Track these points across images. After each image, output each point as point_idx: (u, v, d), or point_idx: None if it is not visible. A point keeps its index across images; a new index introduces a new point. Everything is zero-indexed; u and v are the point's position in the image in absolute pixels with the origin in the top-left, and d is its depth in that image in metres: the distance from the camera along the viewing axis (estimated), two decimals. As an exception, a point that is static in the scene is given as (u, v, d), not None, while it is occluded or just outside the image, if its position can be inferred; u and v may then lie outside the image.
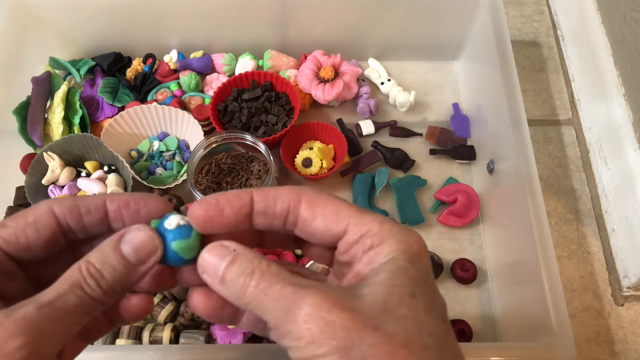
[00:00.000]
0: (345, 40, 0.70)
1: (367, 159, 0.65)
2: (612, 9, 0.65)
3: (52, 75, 0.67)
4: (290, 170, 0.63)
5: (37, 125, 0.63)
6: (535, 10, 0.80)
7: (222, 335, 0.54)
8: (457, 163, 0.66)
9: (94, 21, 0.68)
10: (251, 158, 0.61)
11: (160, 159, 0.64)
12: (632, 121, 0.60)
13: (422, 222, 0.61)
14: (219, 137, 0.58)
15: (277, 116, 0.64)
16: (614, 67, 0.64)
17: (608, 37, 0.66)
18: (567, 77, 0.74)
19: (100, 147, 0.61)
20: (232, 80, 0.66)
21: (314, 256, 0.30)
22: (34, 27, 0.67)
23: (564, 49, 0.76)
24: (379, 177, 0.63)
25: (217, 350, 0.48)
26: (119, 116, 0.64)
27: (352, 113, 0.70)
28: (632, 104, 0.61)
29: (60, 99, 0.63)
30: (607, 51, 0.66)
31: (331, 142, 0.65)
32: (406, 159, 0.65)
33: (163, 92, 0.69)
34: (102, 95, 0.68)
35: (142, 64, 0.71)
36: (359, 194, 0.62)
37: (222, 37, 0.71)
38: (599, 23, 0.68)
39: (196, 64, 0.71)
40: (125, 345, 0.52)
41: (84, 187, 0.59)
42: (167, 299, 0.55)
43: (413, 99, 0.68)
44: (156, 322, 0.55)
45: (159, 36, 0.70)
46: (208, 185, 0.58)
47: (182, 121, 0.65)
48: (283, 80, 0.65)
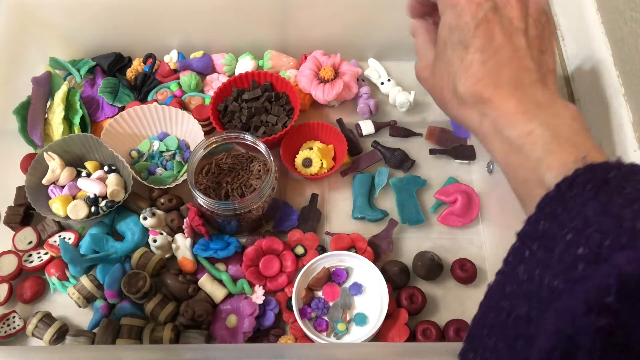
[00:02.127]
0: (345, 40, 0.70)
1: (367, 159, 0.65)
2: (612, 9, 0.65)
3: (52, 75, 0.67)
4: (290, 170, 0.63)
5: (38, 125, 0.63)
6: (535, 10, 0.80)
7: (222, 335, 0.54)
8: (457, 163, 0.66)
9: (94, 21, 0.68)
10: (251, 158, 0.61)
11: (161, 159, 0.64)
12: (632, 121, 0.61)
13: (422, 222, 0.61)
14: (219, 137, 0.58)
15: (277, 116, 0.64)
16: (614, 67, 0.64)
17: (608, 37, 0.66)
18: (567, 77, 0.74)
19: (100, 147, 0.61)
20: (232, 80, 0.66)
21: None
22: (34, 27, 0.67)
23: (564, 49, 0.76)
24: (379, 177, 0.63)
25: (217, 350, 0.48)
26: (119, 116, 0.64)
27: (352, 113, 0.70)
28: (632, 104, 0.61)
29: (61, 99, 0.63)
30: (607, 51, 0.66)
31: (331, 142, 0.65)
32: (406, 159, 0.65)
33: (163, 92, 0.69)
34: (102, 95, 0.68)
35: (142, 64, 0.71)
36: (359, 194, 0.62)
37: (222, 37, 0.71)
38: (599, 23, 0.68)
39: (196, 64, 0.71)
40: (125, 345, 0.52)
41: (84, 187, 0.59)
42: (167, 298, 0.56)
43: (413, 99, 0.68)
44: (156, 322, 0.55)
45: (159, 36, 0.70)
46: (208, 185, 0.58)
47: (182, 121, 0.65)
48: (283, 80, 0.65)
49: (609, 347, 0.24)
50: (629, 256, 0.25)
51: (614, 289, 0.24)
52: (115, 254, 0.58)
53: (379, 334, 0.54)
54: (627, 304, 0.24)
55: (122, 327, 0.53)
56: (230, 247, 0.58)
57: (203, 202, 0.54)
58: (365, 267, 0.56)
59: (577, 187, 0.29)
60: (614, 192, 0.28)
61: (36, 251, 0.59)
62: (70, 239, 0.59)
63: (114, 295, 0.55)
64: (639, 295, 0.24)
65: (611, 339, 0.24)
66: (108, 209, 0.58)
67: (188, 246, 0.58)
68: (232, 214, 0.55)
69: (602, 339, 0.24)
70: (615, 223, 0.27)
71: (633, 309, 0.24)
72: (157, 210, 0.60)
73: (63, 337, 0.54)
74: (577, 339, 0.25)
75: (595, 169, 0.29)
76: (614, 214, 0.27)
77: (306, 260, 0.58)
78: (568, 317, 0.25)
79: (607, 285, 0.24)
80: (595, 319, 0.24)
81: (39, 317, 0.54)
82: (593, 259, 0.27)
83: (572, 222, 0.28)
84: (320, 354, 0.49)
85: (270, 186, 0.56)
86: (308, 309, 0.55)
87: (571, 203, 0.29)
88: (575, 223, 0.28)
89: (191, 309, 0.54)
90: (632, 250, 0.26)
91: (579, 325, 0.25)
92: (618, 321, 0.24)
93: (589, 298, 0.25)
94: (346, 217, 0.63)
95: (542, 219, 0.30)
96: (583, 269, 0.27)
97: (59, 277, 0.58)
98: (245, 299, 0.56)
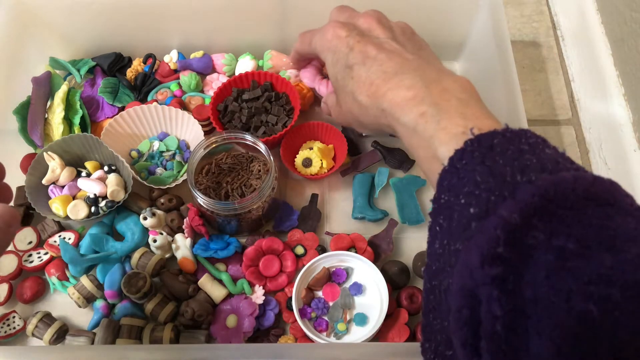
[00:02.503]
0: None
1: (367, 159, 0.65)
2: (612, 9, 0.65)
3: (52, 75, 0.67)
4: (290, 170, 0.63)
5: (38, 125, 0.63)
6: (535, 11, 0.81)
7: (222, 335, 0.54)
8: (457, 163, 0.66)
9: (94, 21, 0.68)
10: (251, 158, 0.61)
11: (161, 159, 0.64)
12: (632, 121, 0.61)
13: (422, 222, 0.61)
14: (219, 137, 0.58)
15: (277, 116, 0.64)
16: (614, 67, 0.64)
17: (608, 37, 0.66)
18: (567, 77, 0.74)
19: (100, 147, 0.61)
20: (232, 80, 0.66)
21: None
22: (34, 27, 0.67)
23: (564, 49, 0.76)
24: (379, 177, 0.63)
25: (217, 350, 0.48)
26: (119, 116, 0.64)
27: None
28: (632, 104, 0.61)
29: (61, 99, 0.63)
30: (607, 51, 0.66)
31: (331, 142, 0.65)
32: (406, 159, 0.65)
33: (163, 92, 0.69)
34: (102, 95, 0.68)
35: (142, 64, 0.71)
36: (359, 194, 0.62)
37: (222, 37, 0.71)
38: (599, 23, 0.68)
39: (196, 64, 0.71)
40: (125, 345, 0.52)
41: (84, 187, 0.59)
42: (167, 298, 0.56)
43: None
44: (156, 322, 0.55)
45: (159, 36, 0.70)
46: (208, 185, 0.58)
47: (182, 121, 0.65)
48: (283, 80, 0.65)
49: (504, 294, 0.25)
50: (511, 206, 0.27)
51: (502, 239, 0.26)
52: (115, 254, 0.58)
53: (379, 334, 0.54)
54: (514, 251, 0.26)
55: (122, 327, 0.53)
56: (230, 247, 0.58)
57: (203, 202, 0.54)
58: (365, 267, 0.56)
59: (466, 157, 0.31)
60: (498, 155, 0.30)
61: (36, 251, 0.59)
62: (70, 239, 0.59)
63: (114, 295, 0.55)
64: (522, 242, 0.26)
65: (505, 286, 0.25)
66: (108, 209, 0.58)
67: (188, 246, 0.58)
68: (232, 214, 0.55)
69: (497, 287, 0.25)
70: (499, 180, 0.29)
71: (520, 255, 0.26)
72: (157, 210, 0.60)
73: (63, 337, 0.54)
74: (478, 292, 0.26)
75: (482, 138, 0.31)
76: (498, 173, 0.29)
77: (306, 260, 0.58)
78: (467, 273, 0.27)
79: (495, 236, 0.26)
80: (489, 269, 0.25)
81: (39, 317, 0.54)
82: (483, 215, 0.28)
83: (464, 187, 0.30)
84: (320, 354, 0.49)
85: (270, 186, 0.56)
86: (308, 309, 0.55)
87: (463, 172, 0.31)
88: (467, 188, 0.30)
89: (191, 309, 0.54)
90: (513, 200, 0.27)
91: (476, 277, 0.26)
92: (509, 269, 0.26)
93: (482, 251, 0.26)
94: (346, 217, 0.63)
95: (442, 192, 0.32)
96: (475, 227, 0.29)
97: (59, 277, 0.58)
98: (245, 299, 0.56)
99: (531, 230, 0.26)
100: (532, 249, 0.26)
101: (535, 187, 0.27)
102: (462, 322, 0.27)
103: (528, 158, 0.30)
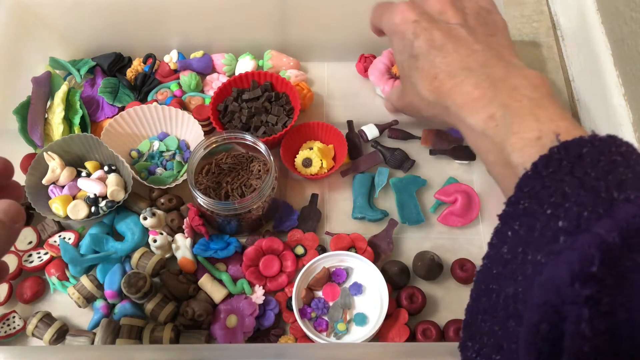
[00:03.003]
0: (346, 40, 0.70)
1: (367, 159, 0.65)
2: (612, 9, 0.65)
3: (52, 75, 0.67)
4: (290, 170, 0.63)
5: (38, 125, 0.63)
6: (535, 10, 0.80)
7: (222, 335, 0.54)
8: (457, 163, 0.66)
9: (94, 21, 0.68)
10: (251, 158, 0.61)
11: (161, 159, 0.64)
12: (632, 121, 0.61)
13: (422, 222, 0.61)
14: (219, 137, 0.58)
15: (277, 116, 0.64)
16: (614, 67, 0.64)
17: (608, 37, 0.66)
18: (567, 77, 0.74)
19: (100, 147, 0.61)
20: (232, 80, 0.66)
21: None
22: (34, 27, 0.67)
23: (564, 49, 0.76)
24: (379, 177, 0.63)
25: (217, 350, 0.48)
26: (119, 116, 0.64)
27: (355, 114, 0.69)
28: (632, 104, 0.61)
29: (61, 99, 0.63)
30: (607, 51, 0.66)
31: (331, 142, 0.65)
32: (406, 159, 0.65)
33: (163, 92, 0.69)
34: (102, 95, 0.68)
35: (142, 64, 0.71)
36: (359, 194, 0.62)
37: (222, 37, 0.71)
38: (599, 23, 0.68)
39: (196, 64, 0.71)
40: (125, 346, 0.52)
41: (84, 187, 0.59)
42: (167, 298, 0.56)
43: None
44: (156, 322, 0.55)
45: (159, 36, 0.70)
46: (208, 185, 0.58)
47: (182, 121, 0.65)
48: (283, 80, 0.65)
49: (597, 315, 0.24)
50: (609, 225, 0.26)
51: (597, 258, 0.25)
52: (115, 254, 0.58)
53: (379, 334, 0.54)
54: (610, 272, 0.25)
55: (122, 327, 0.53)
56: (230, 247, 0.58)
57: (203, 202, 0.54)
58: (365, 267, 0.56)
59: (553, 164, 0.30)
60: (589, 166, 0.29)
61: (36, 251, 0.59)
62: (70, 239, 0.59)
63: (114, 295, 0.55)
64: (620, 263, 0.25)
65: (599, 307, 0.24)
66: (108, 209, 0.58)
67: (188, 246, 0.58)
68: (232, 214, 0.55)
69: (590, 308, 0.24)
70: (593, 195, 0.28)
71: (616, 277, 0.25)
72: (157, 210, 0.60)
73: (63, 337, 0.54)
74: (563, 310, 0.25)
75: (570, 146, 0.30)
76: (591, 187, 0.28)
77: (306, 260, 0.58)
78: (553, 288, 0.26)
79: (590, 254, 0.25)
80: (581, 288, 0.24)
81: (39, 317, 0.54)
82: (573, 230, 0.27)
83: (551, 197, 0.29)
84: (320, 354, 0.49)
85: (270, 186, 0.56)
86: (308, 309, 0.55)
87: (549, 180, 0.30)
88: (554, 198, 0.29)
89: (191, 309, 0.54)
90: (611, 219, 0.26)
91: (564, 295, 0.25)
92: (604, 289, 0.24)
93: (573, 268, 0.25)
94: (346, 217, 0.63)
95: (521, 198, 0.31)
96: (564, 241, 0.27)
97: (59, 277, 0.58)
98: (245, 299, 0.56)
99: (630, 252, 0.25)
100: (629, 272, 0.25)
101: (637, 206, 0.26)
102: (539, 337, 0.26)
103: (623, 172, 0.28)
